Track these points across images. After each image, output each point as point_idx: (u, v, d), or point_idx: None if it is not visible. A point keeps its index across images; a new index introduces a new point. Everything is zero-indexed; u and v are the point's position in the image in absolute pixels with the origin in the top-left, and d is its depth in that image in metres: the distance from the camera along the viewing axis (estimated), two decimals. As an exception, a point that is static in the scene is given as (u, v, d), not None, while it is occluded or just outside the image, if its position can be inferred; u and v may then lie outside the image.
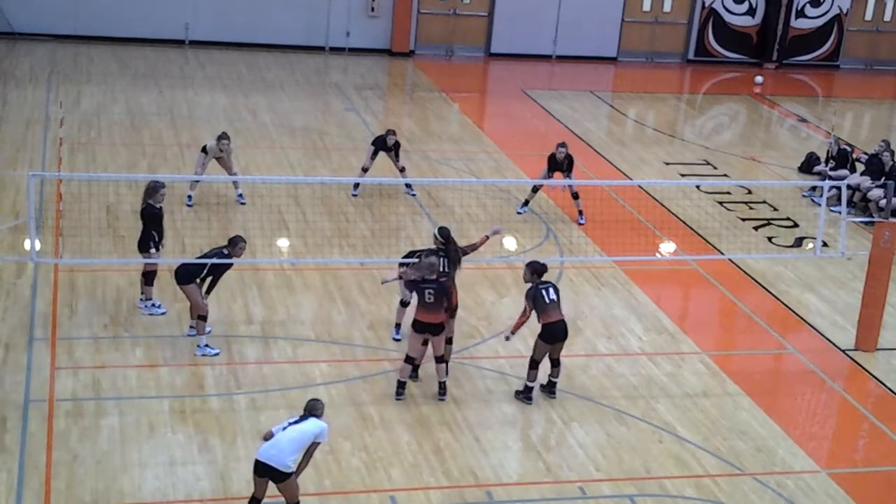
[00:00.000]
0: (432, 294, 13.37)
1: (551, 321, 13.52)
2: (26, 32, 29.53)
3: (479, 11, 32.45)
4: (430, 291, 13.40)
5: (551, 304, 13.49)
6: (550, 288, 13.58)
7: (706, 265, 18.48)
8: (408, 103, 27.63)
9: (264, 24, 30.74)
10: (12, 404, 12.91)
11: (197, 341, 14.38)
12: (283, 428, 10.79)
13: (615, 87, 31.68)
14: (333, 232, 18.50)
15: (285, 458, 10.68)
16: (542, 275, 13.66)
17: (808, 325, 16.85)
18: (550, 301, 13.49)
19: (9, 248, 17.00)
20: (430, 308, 13.39)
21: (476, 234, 18.54)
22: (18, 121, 22.93)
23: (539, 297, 13.48)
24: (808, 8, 34.27)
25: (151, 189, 15.02)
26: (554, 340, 13.62)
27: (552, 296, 13.53)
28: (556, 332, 13.57)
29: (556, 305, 13.53)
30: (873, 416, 14.44)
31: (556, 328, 13.56)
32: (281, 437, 10.74)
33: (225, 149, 18.97)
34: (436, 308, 13.39)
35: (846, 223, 16.82)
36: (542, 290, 13.52)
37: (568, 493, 12.27)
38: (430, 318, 13.42)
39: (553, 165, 19.70)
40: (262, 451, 10.76)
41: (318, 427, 10.87)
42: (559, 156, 19.55)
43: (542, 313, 13.51)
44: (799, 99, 31.07)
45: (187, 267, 14.31)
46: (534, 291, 13.53)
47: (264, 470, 10.72)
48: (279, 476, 10.70)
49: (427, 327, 13.43)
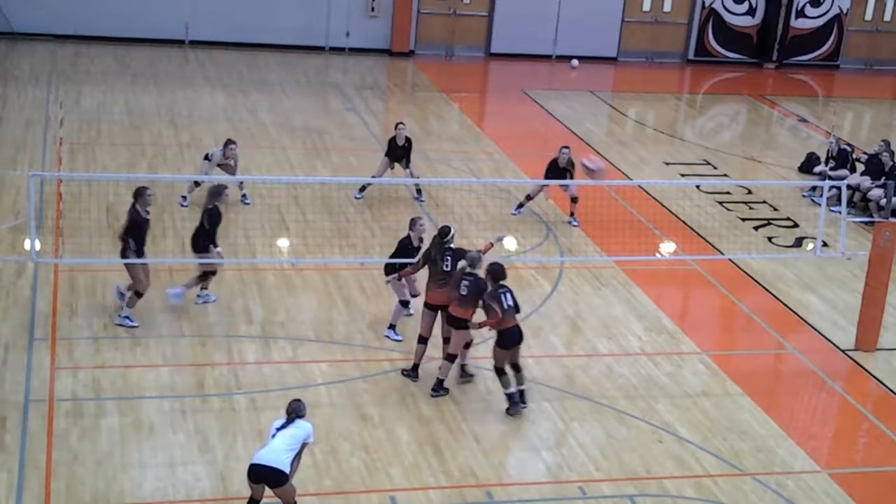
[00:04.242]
0: (467, 287, 13.50)
1: (507, 327, 13.29)
2: (26, 32, 29.54)
3: (479, 11, 32.46)
4: (465, 283, 13.54)
5: (509, 309, 13.26)
6: (508, 293, 13.32)
7: (706, 265, 18.48)
8: (408, 103, 27.63)
9: (264, 24, 30.74)
10: (12, 404, 12.91)
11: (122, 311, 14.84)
12: (273, 435, 10.81)
13: (615, 87, 31.69)
14: (333, 232, 18.50)
15: (282, 458, 10.67)
16: (500, 279, 13.40)
17: (808, 325, 16.85)
18: (508, 307, 13.25)
19: (9, 248, 17.00)
20: (463, 302, 13.53)
21: (476, 234, 18.61)
22: (18, 121, 22.94)
23: (499, 300, 13.24)
24: (808, 8, 34.29)
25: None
26: (511, 345, 13.37)
27: (510, 301, 13.29)
28: (512, 337, 13.35)
29: (512, 312, 13.30)
30: (873, 416, 14.44)
31: (513, 333, 13.33)
32: (274, 442, 10.75)
33: (231, 155, 18.95)
34: (468, 303, 13.51)
35: (846, 223, 16.81)
36: (501, 294, 13.29)
37: (568, 493, 12.27)
38: (459, 313, 13.58)
39: (556, 173, 19.13)
40: (256, 456, 10.74)
41: (306, 429, 10.90)
42: (562, 161, 19.20)
43: (501, 318, 13.22)
44: (799, 99, 31.08)
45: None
46: (495, 293, 13.29)
47: (261, 474, 10.69)
48: (277, 478, 10.68)
49: (454, 321, 13.59)
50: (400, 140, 19.52)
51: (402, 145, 19.55)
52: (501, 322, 13.24)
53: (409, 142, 19.64)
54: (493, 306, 13.23)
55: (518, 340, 13.45)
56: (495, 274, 13.42)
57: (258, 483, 10.76)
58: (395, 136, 19.55)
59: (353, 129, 24.42)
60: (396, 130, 19.58)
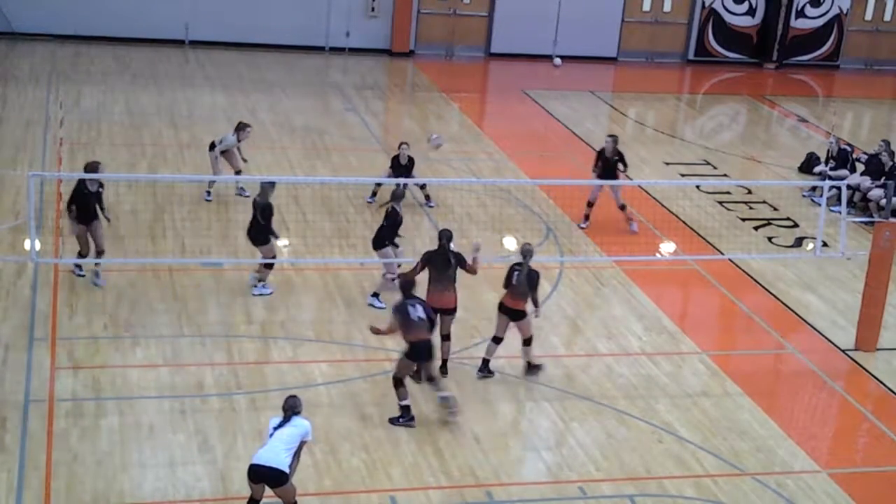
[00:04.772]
0: (517, 278, 13.84)
1: (416, 339, 13.00)
2: (26, 32, 29.54)
3: (479, 11, 32.46)
4: (517, 274, 13.85)
5: (419, 322, 12.92)
6: (419, 305, 13.03)
7: (706, 265, 18.48)
8: (408, 103, 27.62)
9: (264, 24, 30.74)
10: (12, 404, 12.91)
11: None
12: (270, 434, 10.79)
13: (615, 87, 31.69)
14: (333, 232, 18.50)
15: (281, 458, 10.65)
16: (408, 290, 13.17)
17: (808, 325, 16.85)
18: (418, 319, 12.95)
19: (9, 248, 17.01)
20: (515, 293, 13.91)
21: (476, 233, 18.62)
22: (18, 121, 22.94)
23: (405, 313, 13.02)
24: (808, 8, 34.28)
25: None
26: (417, 359, 13.10)
27: (419, 314, 12.95)
28: (420, 351, 12.99)
29: (423, 324, 12.94)
30: (873, 416, 14.44)
31: (421, 347, 12.97)
32: (273, 441, 10.73)
33: (244, 138, 19.29)
34: (520, 293, 13.87)
35: (846, 223, 16.83)
36: (409, 306, 13.01)
37: (568, 493, 12.27)
38: (513, 304, 13.94)
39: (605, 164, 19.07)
40: (256, 456, 10.72)
41: (304, 427, 10.87)
42: (608, 150, 19.11)
43: (407, 331, 13.00)
44: (799, 99, 31.07)
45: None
46: (400, 307, 13.06)
47: (261, 474, 10.67)
48: (277, 478, 10.67)
49: (511, 312, 13.98)
50: (403, 160, 19.34)
51: (405, 164, 19.37)
52: (408, 334, 12.96)
53: (411, 161, 19.45)
54: (394, 317, 13.04)
55: (425, 356, 13.09)
56: (403, 288, 13.20)
57: (258, 483, 10.75)
58: (399, 156, 19.39)
59: (353, 129, 24.42)
60: (399, 150, 19.45)
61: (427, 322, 13.04)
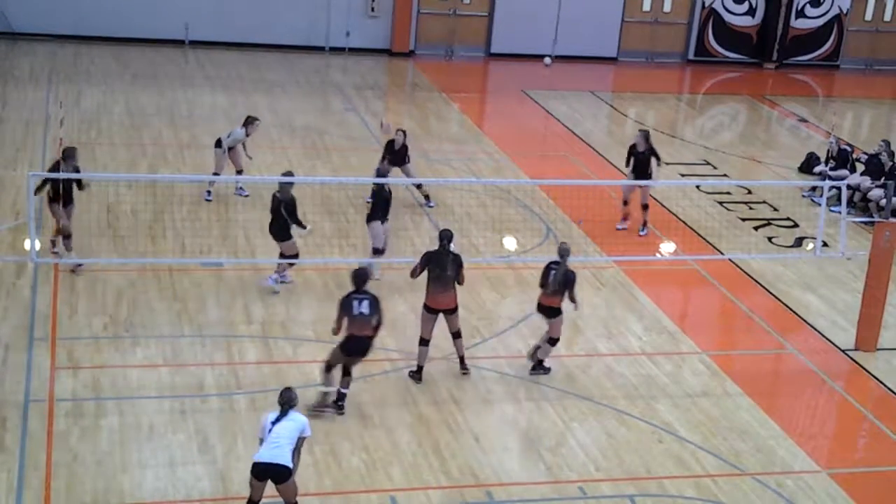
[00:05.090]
0: (554, 276, 14.11)
1: (356, 334, 12.98)
2: (26, 32, 29.53)
3: (479, 11, 32.45)
4: (553, 273, 14.15)
5: (360, 316, 12.86)
6: (365, 301, 12.93)
7: (706, 265, 18.47)
8: (408, 103, 27.62)
9: (264, 24, 30.74)
10: (12, 404, 12.91)
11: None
12: (269, 430, 10.71)
13: (615, 87, 31.69)
14: (333, 232, 18.50)
15: (285, 454, 10.65)
16: (359, 284, 13.09)
17: (808, 325, 16.85)
18: (359, 314, 12.86)
19: (9, 248, 17.01)
20: (549, 289, 14.15)
21: (476, 233, 18.63)
22: (18, 121, 22.93)
23: (348, 306, 12.91)
24: (808, 8, 34.28)
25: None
26: (351, 354, 13.08)
27: (363, 309, 12.88)
28: (356, 346, 12.98)
29: (365, 319, 12.89)
30: (873, 416, 14.44)
31: (358, 342, 12.96)
32: (275, 437, 10.69)
33: (253, 132, 19.40)
34: (557, 292, 14.11)
35: (846, 223, 16.83)
36: (355, 300, 12.96)
37: (568, 493, 12.27)
38: (548, 302, 14.20)
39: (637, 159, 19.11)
40: (261, 454, 10.69)
41: (302, 422, 10.84)
42: (640, 145, 19.12)
43: (348, 323, 12.97)
44: (799, 99, 31.07)
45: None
46: (345, 299, 13.03)
47: (267, 471, 10.67)
48: (281, 474, 10.67)
49: (547, 310, 14.26)
50: (397, 145, 19.39)
51: (398, 151, 19.39)
52: (349, 328, 12.96)
53: (405, 149, 19.51)
54: (339, 311, 13.03)
55: (362, 352, 13.06)
56: (355, 279, 13.16)
57: (262, 481, 10.72)
58: (394, 141, 19.46)
59: (353, 129, 24.42)
60: (395, 135, 19.52)
61: (370, 319, 12.95)
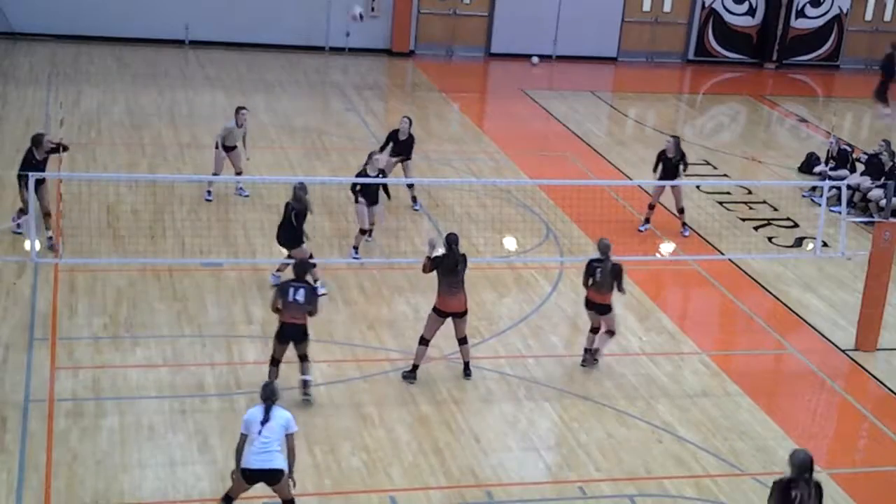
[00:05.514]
0: (600, 272, 14.26)
1: (286, 321, 13.09)
2: (26, 32, 29.53)
3: (479, 11, 32.45)
4: (599, 270, 14.27)
5: (294, 303, 12.96)
6: (301, 290, 13.03)
7: (706, 265, 18.47)
8: (408, 103, 27.61)
9: (264, 24, 30.73)
10: (12, 404, 12.91)
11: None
12: (259, 431, 10.59)
13: (615, 87, 31.68)
14: (333, 232, 18.50)
15: (276, 457, 10.57)
16: (299, 274, 13.22)
17: (808, 325, 16.85)
18: (294, 301, 12.96)
19: (9, 248, 17.01)
20: (600, 287, 14.30)
21: (476, 233, 18.63)
22: (18, 121, 22.93)
23: (285, 293, 13.06)
24: (808, 8, 34.27)
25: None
26: (284, 340, 13.15)
27: (298, 297, 12.97)
28: (289, 332, 13.08)
29: (299, 307, 12.97)
30: (873, 416, 14.44)
31: (288, 329, 13.05)
32: (265, 441, 10.57)
33: (243, 122, 19.16)
34: (605, 287, 14.30)
35: (846, 223, 16.83)
36: (291, 288, 13.08)
37: (568, 493, 12.27)
38: (599, 299, 14.40)
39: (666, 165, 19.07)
40: (252, 460, 10.58)
41: (286, 419, 10.71)
42: (670, 151, 19.05)
43: (283, 310, 13.08)
44: (799, 99, 31.05)
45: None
46: (282, 286, 13.18)
47: (260, 477, 10.61)
48: (274, 477, 10.63)
49: (595, 306, 14.42)
50: (402, 135, 19.34)
51: (404, 140, 19.35)
52: (284, 315, 13.09)
53: (411, 138, 19.48)
54: (275, 295, 13.21)
55: (287, 338, 13.11)
56: (295, 270, 13.34)
57: (252, 484, 10.66)
58: (398, 130, 19.38)
59: (353, 129, 24.42)
60: (400, 124, 19.43)
61: (304, 307, 13.03)
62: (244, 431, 10.72)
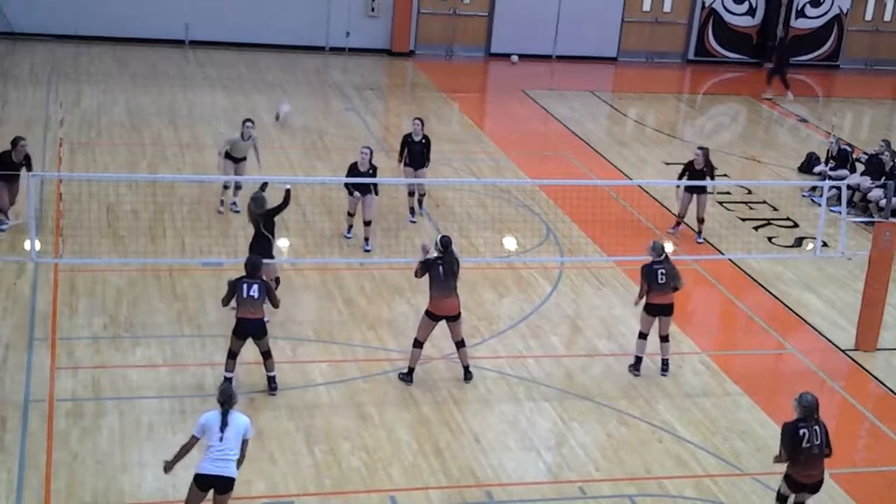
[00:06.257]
0: (664, 274, 14.31)
1: (242, 317, 13.17)
2: (26, 32, 29.54)
3: (479, 11, 32.46)
4: (661, 272, 14.33)
5: (248, 300, 13.08)
6: (255, 285, 13.13)
7: (706, 265, 18.47)
8: (408, 103, 27.62)
9: (264, 24, 30.75)
10: (12, 404, 12.91)
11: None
12: (220, 438, 10.33)
13: (615, 87, 31.68)
14: (333, 232, 18.49)
15: (234, 466, 10.40)
16: (251, 272, 13.27)
17: (808, 324, 16.85)
18: (248, 297, 13.08)
19: (9, 248, 17.01)
20: (663, 288, 14.35)
21: (476, 233, 18.63)
22: (18, 121, 22.91)
23: (238, 290, 13.16)
24: (808, 8, 34.28)
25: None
26: (242, 336, 13.25)
27: (252, 292, 13.09)
28: (245, 328, 13.19)
29: (254, 303, 13.09)
30: (873, 416, 14.44)
31: (245, 325, 13.16)
32: (224, 447, 10.34)
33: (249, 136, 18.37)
34: (668, 288, 14.39)
35: (846, 223, 16.83)
36: (245, 284, 13.17)
37: (568, 493, 12.27)
38: (663, 300, 14.41)
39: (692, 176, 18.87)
40: (208, 466, 10.32)
41: (244, 424, 10.50)
42: (698, 163, 18.83)
43: (239, 306, 13.20)
44: (799, 99, 31.03)
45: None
46: (235, 282, 13.26)
47: (213, 484, 10.33)
48: (228, 486, 10.38)
49: (661, 308, 14.44)
50: (416, 136, 18.75)
51: (419, 140, 18.78)
52: (240, 311, 13.20)
53: (427, 139, 18.96)
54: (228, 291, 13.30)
55: (253, 334, 13.22)
56: (246, 267, 13.35)
57: (205, 491, 10.36)
58: (412, 133, 18.82)
59: (353, 129, 24.42)
60: (413, 126, 18.89)
61: (258, 303, 13.11)
62: (198, 435, 10.44)
